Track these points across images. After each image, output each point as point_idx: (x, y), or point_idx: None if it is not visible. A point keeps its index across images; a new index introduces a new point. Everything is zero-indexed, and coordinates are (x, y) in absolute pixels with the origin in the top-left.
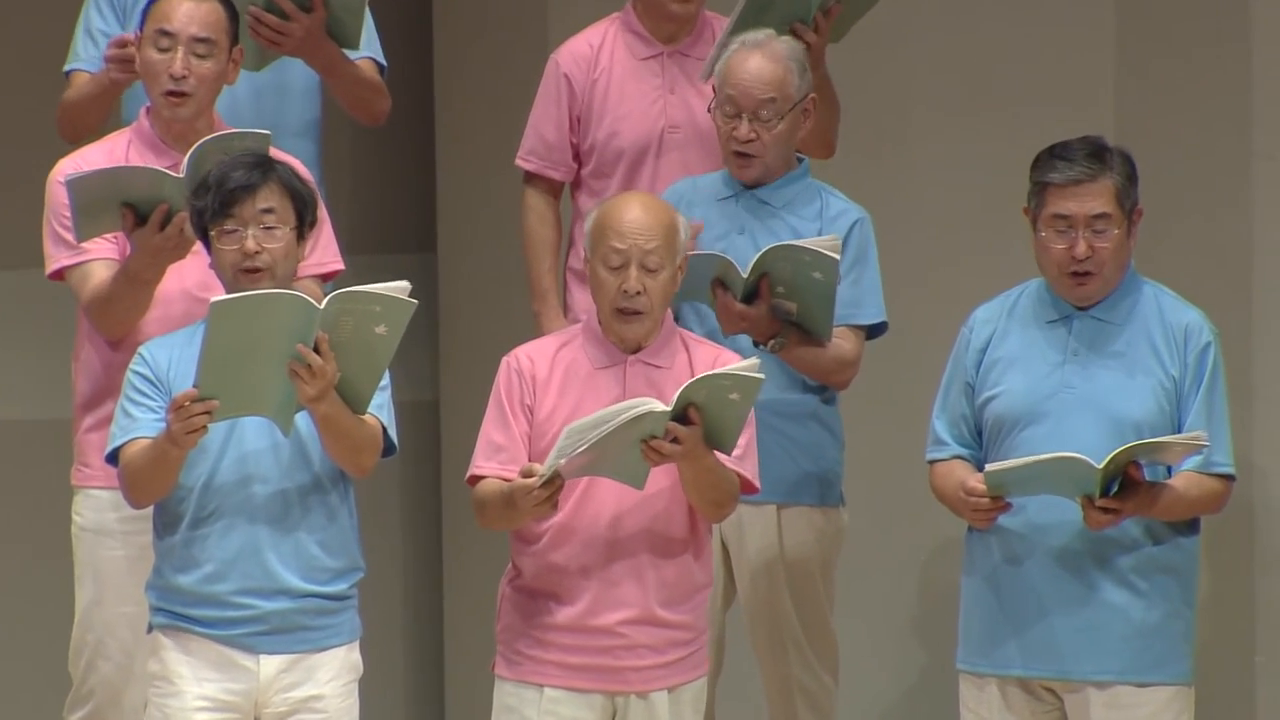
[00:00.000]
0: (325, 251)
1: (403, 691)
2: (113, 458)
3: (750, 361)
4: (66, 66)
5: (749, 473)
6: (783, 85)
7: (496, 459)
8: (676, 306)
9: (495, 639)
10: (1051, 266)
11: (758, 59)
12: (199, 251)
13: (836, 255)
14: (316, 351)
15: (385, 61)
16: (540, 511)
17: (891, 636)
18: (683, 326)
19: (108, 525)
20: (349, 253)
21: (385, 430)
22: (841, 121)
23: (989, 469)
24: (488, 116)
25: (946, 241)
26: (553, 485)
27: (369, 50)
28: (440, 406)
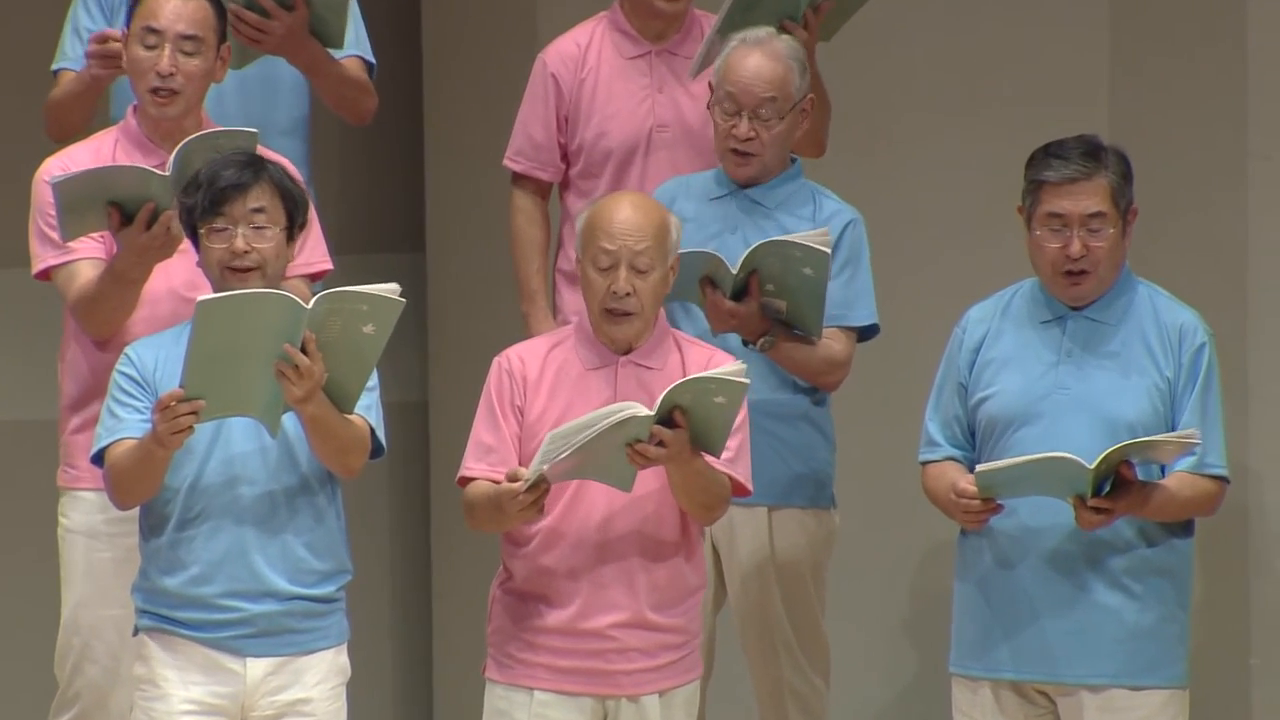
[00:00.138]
0: (314, 251)
1: (391, 694)
2: (98, 458)
3: (736, 365)
4: (54, 65)
5: (741, 475)
6: (784, 84)
7: (486, 460)
8: (668, 306)
9: (485, 642)
10: (1046, 266)
11: (759, 57)
12: (186, 251)
13: (827, 249)
14: (304, 351)
15: (374, 60)
16: (527, 516)
17: (883, 639)
18: (674, 327)
19: (94, 527)
20: (337, 253)
21: (373, 431)
22: (833, 120)
23: (979, 470)
24: (477, 116)
25: (939, 241)
26: (538, 490)
27: (357, 49)
28: (429, 407)
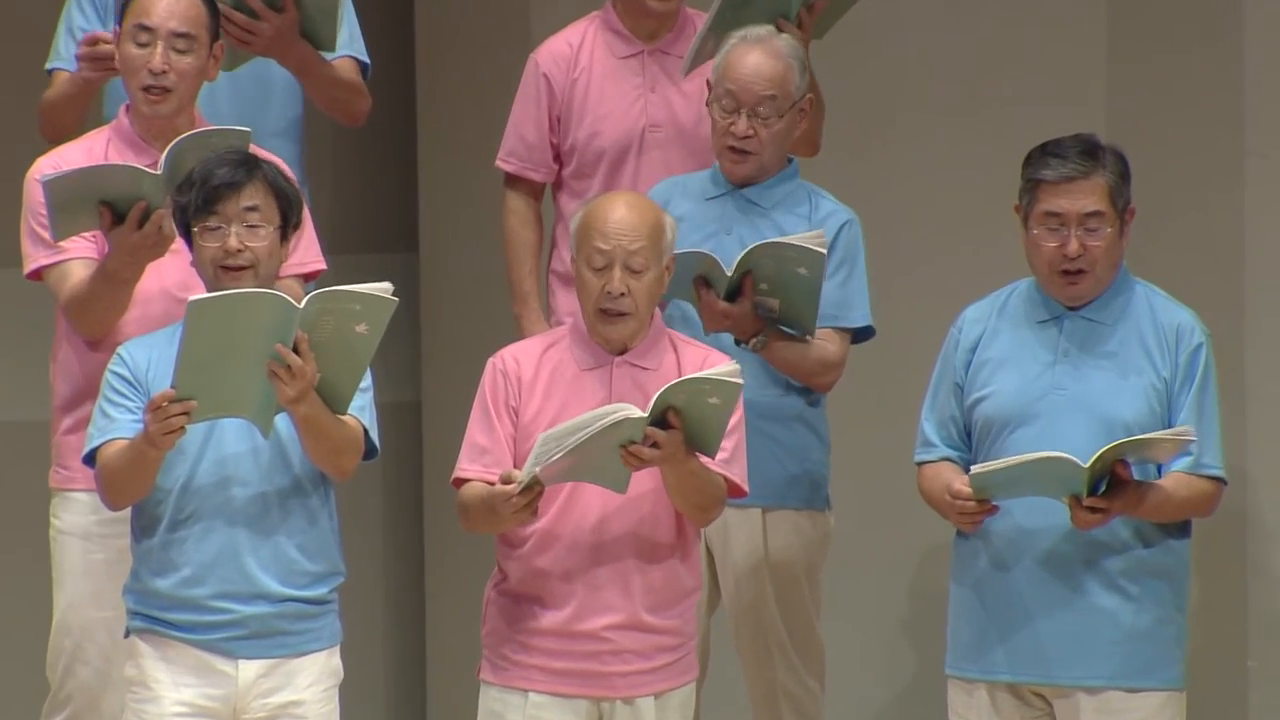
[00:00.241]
0: (307, 251)
1: (384, 697)
2: (90, 459)
3: (729, 366)
4: (48, 64)
5: (736, 476)
6: (784, 83)
7: (480, 461)
8: (663, 306)
9: (479, 643)
10: (1042, 265)
11: (759, 55)
12: (178, 250)
13: (822, 250)
14: (296, 351)
15: (368, 60)
16: (520, 518)
17: (879, 641)
18: (669, 328)
19: (87, 528)
20: (330, 252)
21: (367, 433)
22: (828, 120)
23: (974, 470)
24: (470, 115)
25: (935, 241)
26: (532, 492)
27: (351, 49)
28: (422, 407)
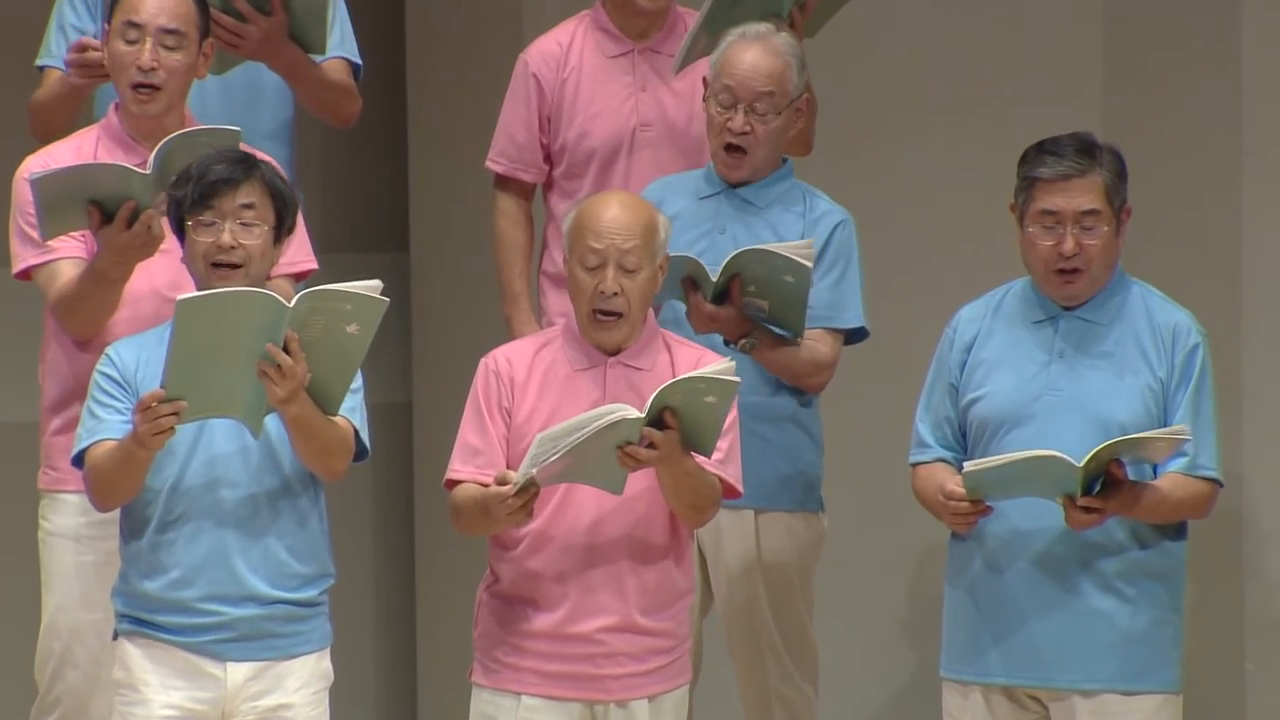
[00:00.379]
0: (298, 250)
1: (374, 700)
2: (79, 460)
3: (726, 364)
4: (38, 61)
5: (731, 477)
6: (782, 80)
7: (473, 463)
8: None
9: (470, 646)
10: (1038, 264)
11: (758, 51)
12: (168, 250)
13: (809, 262)
14: (286, 351)
15: (360, 61)
16: (515, 519)
17: (873, 644)
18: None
19: (76, 530)
20: (321, 252)
21: (357, 434)
22: (821, 119)
23: (967, 470)
24: (461, 115)
25: (929, 241)
26: (528, 493)
27: (342, 50)
28: (413, 408)
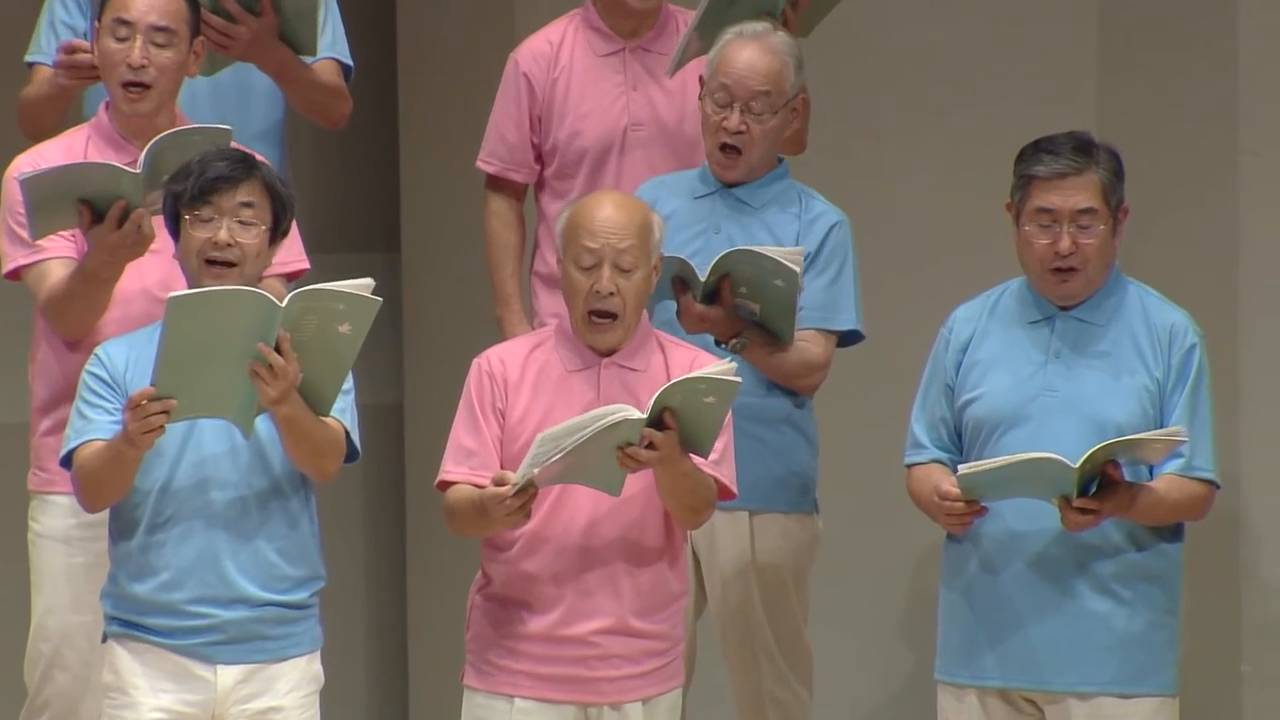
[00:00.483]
0: (290, 250)
1: (365, 703)
2: (67, 460)
3: (726, 364)
4: (28, 58)
5: (726, 478)
6: (778, 79)
7: (467, 464)
8: (650, 308)
9: (463, 648)
10: (1034, 263)
11: (755, 50)
12: (159, 250)
13: (798, 268)
14: (278, 351)
15: (351, 62)
16: (513, 520)
17: (867, 646)
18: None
19: (67, 532)
20: (311, 252)
21: (348, 435)
22: (815, 119)
23: (962, 471)
24: (452, 115)
25: (924, 241)
26: (526, 494)
27: (333, 51)
28: (405, 409)
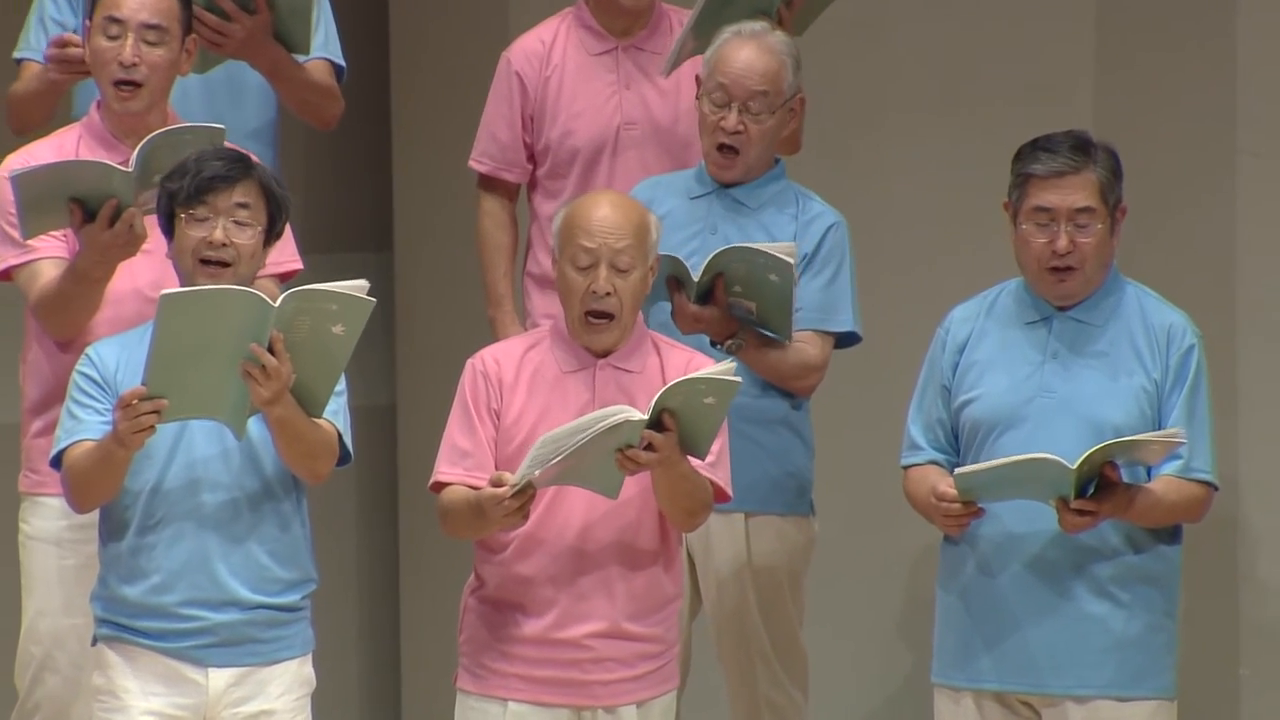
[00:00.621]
0: (283, 251)
1: (358, 706)
2: (57, 461)
3: (726, 365)
4: (16, 54)
5: (721, 480)
6: (776, 79)
7: (462, 465)
8: (646, 309)
9: (455, 651)
10: (1031, 262)
11: (753, 49)
12: (151, 250)
13: (792, 260)
14: (271, 351)
15: (344, 62)
16: (510, 522)
17: (863, 649)
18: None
19: (58, 534)
20: (304, 252)
21: (340, 437)
22: (811, 119)
23: (959, 472)
24: (445, 114)
25: (921, 242)
26: (525, 495)
27: (326, 51)
28: (397, 410)
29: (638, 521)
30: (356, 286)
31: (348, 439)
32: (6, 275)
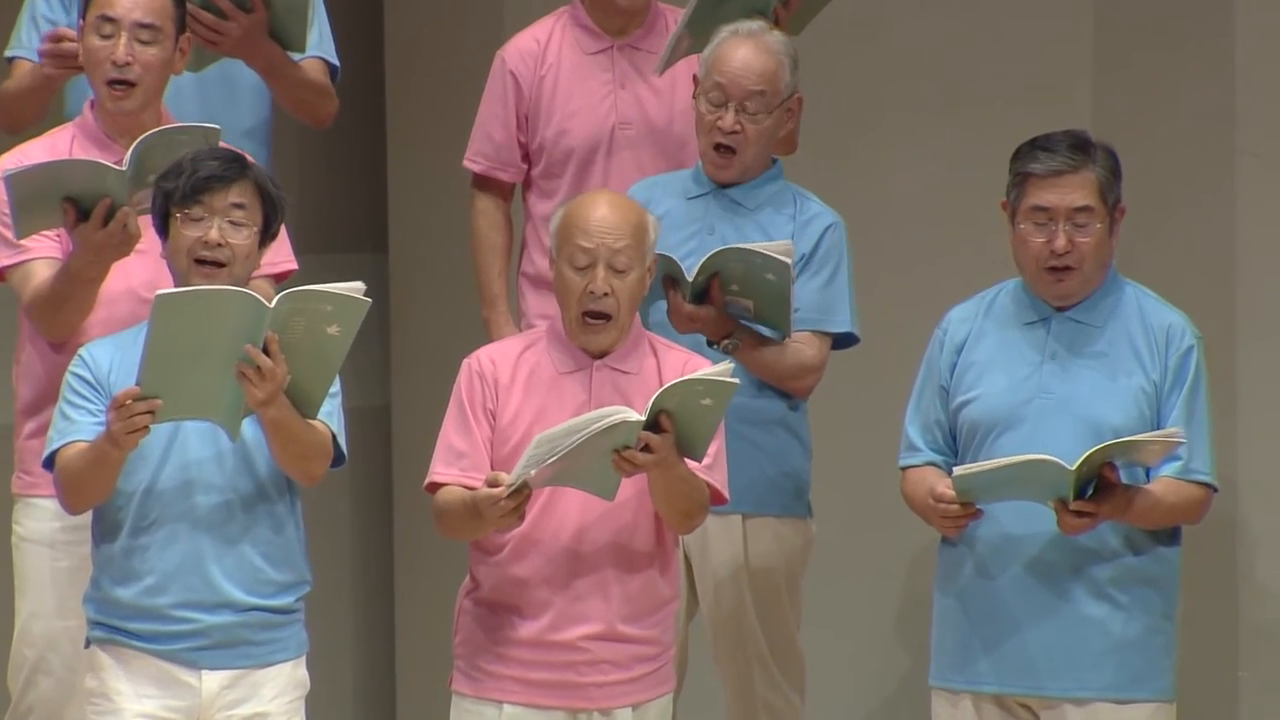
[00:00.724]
0: (278, 251)
1: (352, 708)
2: (50, 462)
3: (724, 366)
4: (8, 52)
5: (718, 483)
6: (774, 79)
7: (458, 465)
8: (643, 310)
9: (450, 653)
10: (1030, 261)
11: (750, 48)
12: (145, 250)
13: (788, 259)
14: (266, 352)
15: (338, 62)
16: (506, 522)
17: (861, 652)
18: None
19: (51, 536)
20: (298, 252)
21: (335, 439)
22: (808, 119)
23: (957, 473)
24: (440, 114)
25: (918, 242)
26: (520, 495)
27: (320, 50)
28: (391, 411)
29: (634, 523)
30: (352, 288)
31: (342, 440)
32: (0, 276)
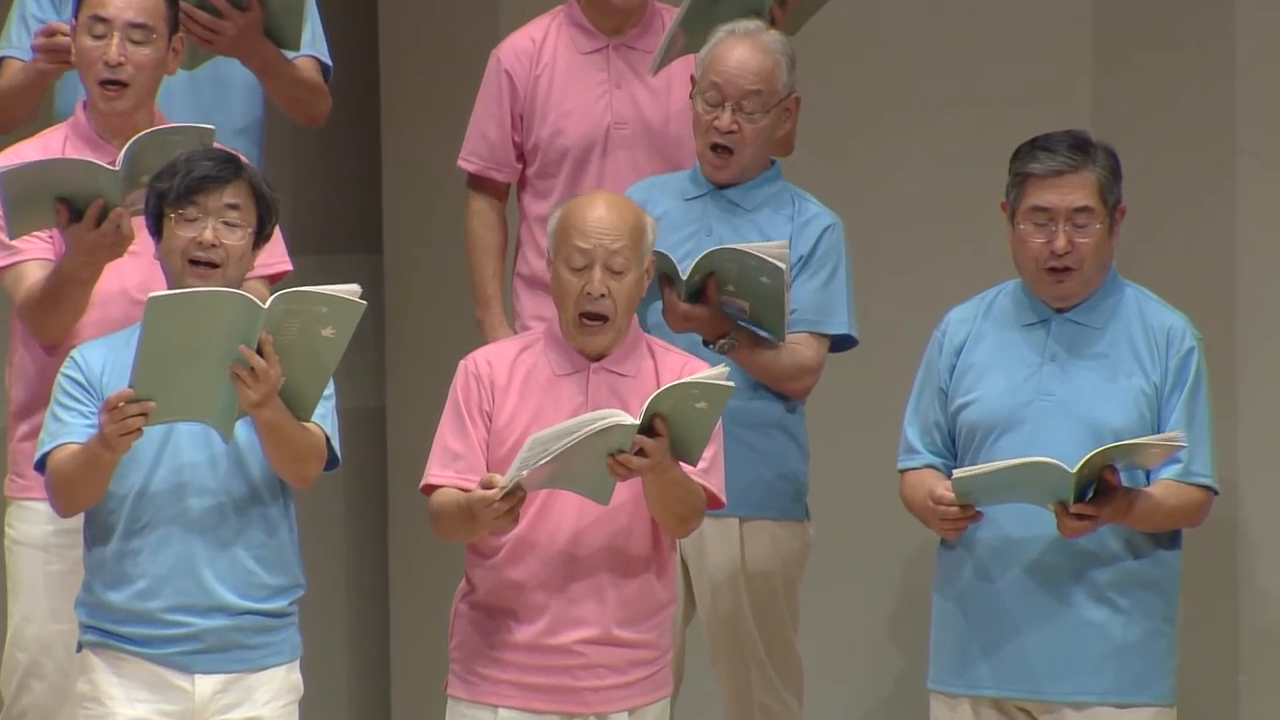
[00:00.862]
0: (272, 252)
1: (347, 712)
2: (41, 464)
3: (719, 369)
4: None
5: (715, 487)
6: (771, 78)
7: (453, 467)
8: (641, 312)
9: (446, 657)
10: (1029, 262)
11: (747, 48)
12: (138, 251)
13: (783, 264)
14: (260, 353)
15: (330, 61)
16: (500, 524)
17: (859, 655)
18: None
19: (44, 539)
20: (292, 253)
21: (329, 441)
22: (807, 119)
23: (957, 475)
24: (435, 114)
25: (917, 243)
26: (514, 498)
27: (313, 49)
28: (386, 413)
29: (629, 527)
30: (347, 290)
31: (336, 443)
32: None
